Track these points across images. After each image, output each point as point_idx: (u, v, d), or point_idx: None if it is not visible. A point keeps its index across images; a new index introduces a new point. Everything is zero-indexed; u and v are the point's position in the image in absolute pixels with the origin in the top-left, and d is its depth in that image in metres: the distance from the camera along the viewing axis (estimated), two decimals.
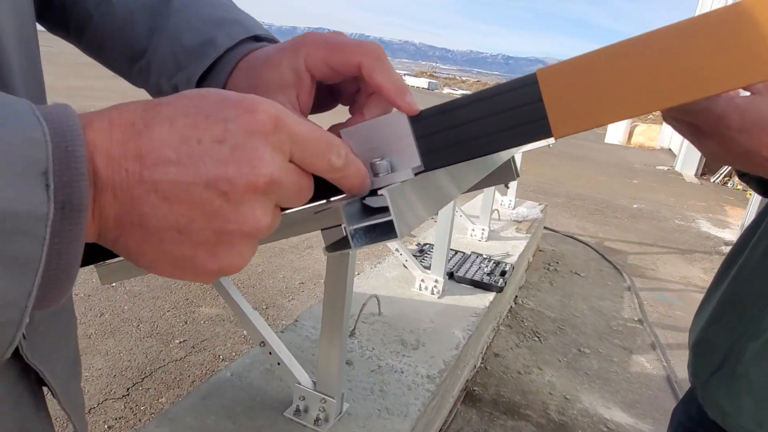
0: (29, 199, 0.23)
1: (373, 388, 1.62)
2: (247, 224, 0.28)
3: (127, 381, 2.02)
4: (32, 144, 0.23)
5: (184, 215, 0.27)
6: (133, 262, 0.30)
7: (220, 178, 0.27)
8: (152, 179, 0.26)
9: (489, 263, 2.72)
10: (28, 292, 0.24)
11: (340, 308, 1.30)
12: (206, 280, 0.31)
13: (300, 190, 0.31)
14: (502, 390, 2.37)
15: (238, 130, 0.27)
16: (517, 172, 1.20)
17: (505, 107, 0.34)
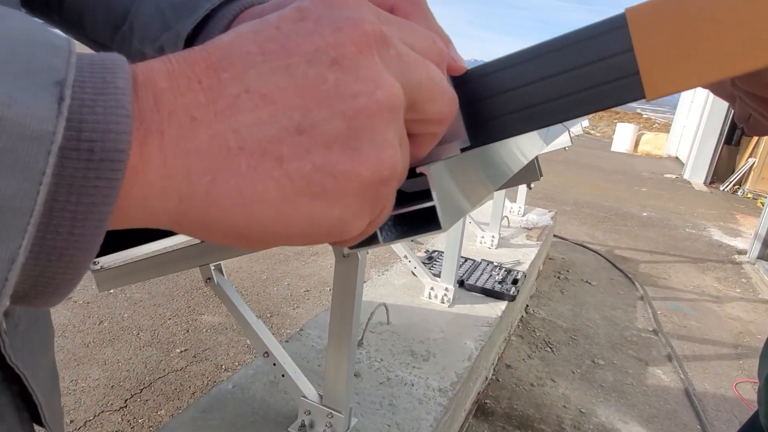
0: (25, 106, 0.15)
1: (382, 401, 1.54)
2: (377, 89, 0.20)
3: (126, 392, 1.94)
4: (46, 47, 0.16)
5: (296, 108, 0.19)
6: (243, 220, 0.19)
7: (322, 45, 0.20)
8: (237, 80, 0.19)
9: (500, 271, 2.64)
10: (9, 259, 0.15)
11: (348, 317, 1.22)
12: (362, 206, 0.21)
13: (434, 74, 0.23)
14: (515, 403, 2.28)
15: (315, 3, 0.21)
16: (540, 172, 1.13)
17: (583, 60, 0.27)
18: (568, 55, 0.27)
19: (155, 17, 0.38)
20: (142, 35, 0.39)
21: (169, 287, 2.76)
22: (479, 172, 0.39)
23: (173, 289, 2.74)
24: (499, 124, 0.29)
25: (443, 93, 0.23)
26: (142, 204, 0.18)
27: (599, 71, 0.26)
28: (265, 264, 3.23)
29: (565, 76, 0.27)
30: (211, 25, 0.37)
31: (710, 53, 0.25)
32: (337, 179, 0.20)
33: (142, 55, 0.40)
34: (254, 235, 0.20)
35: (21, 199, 0.15)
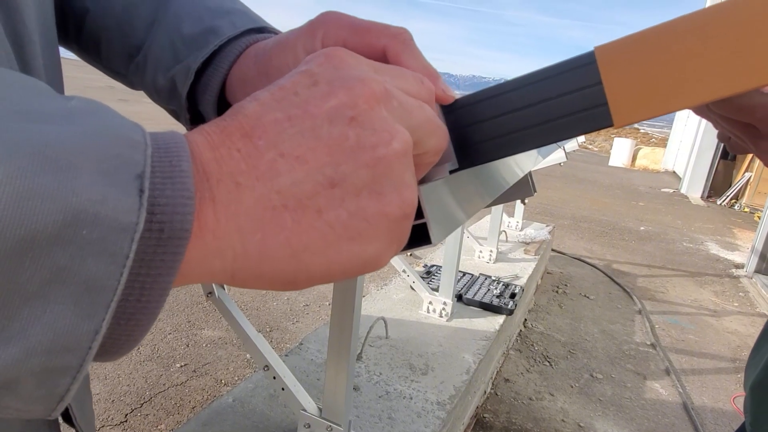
0: (116, 202, 0.18)
1: (381, 415, 1.55)
2: (392, 139, 0.23)
3: (126, 406, 1.95)
4: (128, 143, 0.19)
5: (326, 165, 0.22)
6: (293, 269, 0.22)
7: (338, 107, 0.22)
8: (271, 146, 0.21)
9: (498, 285, 2.66)
10: (94, 331, 0.18)
11: (347, 331, 1.24)
12: (391, 241, 0.24)
13: (429, 116, 0.26)
14: (514, 417, 2.29)
15: (322, 67, 0.24)
16: (534, 188, 1.16)
17: (557, 92, 0.30)
18: (543, 88, 0.30)
19: (168, 50, 0.41)
20: (156, 66, 0.42)
21: (169, 302, 2.77)
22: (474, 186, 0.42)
23: (173, 304, 2.76)
24: (484, 148, 0.32)
25: (438, 128, 0.27)
26: (201, 264, 0.21)
27: (571, 102, 0.30)
28: None
29: (541, 107, 0.30)
30: (219, 59, 0.40)
31: (672, 86, 0.28)
32: (369, 222, 0.23)
33: (154, 82, 0.43)
34: (302, 279, 0.23)
35: (108, 279, 0.18)
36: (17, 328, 0.17)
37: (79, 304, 0.17)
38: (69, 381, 0.19)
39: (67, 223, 0.17)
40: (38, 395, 0.19)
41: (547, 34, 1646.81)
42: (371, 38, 0.33)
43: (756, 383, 0.70)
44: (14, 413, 0.19)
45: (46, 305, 0.17)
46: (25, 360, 0.17)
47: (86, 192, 0.17)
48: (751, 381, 0.71)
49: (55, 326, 0.17)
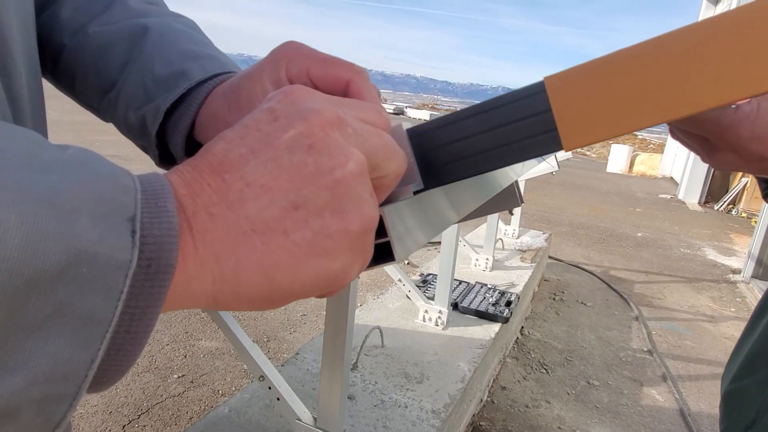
0: (111, 243, 0.20)
1: (376, 424, 1.57)
2: (348, 161, 0.25)
3: (123, 418, 1.96)
4: (120, 189, 0.21)
5: (288, 189, 0.24)
6: (268, 288, 0.24)
7: (296, 136, 0.25)
8: (238, 177, 0.24)
9: (494, 293, 2.67)
10: (89, 359, 0.20)
11: (341, 341, 1.26)
12: (354, 256, 0.26)
13: (385, 141, 0.28)
14: (510, 425, 2.30)
15: (282, 104, 0.26)
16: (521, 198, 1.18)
17: (510, 118, 0.32)
18: (499, 114, 0.32)
19: (140, 89, 0.43)
20: (127, 103, 0.44)
21: (167, 313, 2.79)
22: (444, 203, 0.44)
23: (171, 315, 2.77)
24: (446, 170, 0.35)
25: (395, 153, 0.29)
26: (184, 291, 0.23)
27: (524, 128, 0.32)
28: None
29: (498, 132, 0.32)
30: (188, 101, 0.42)
31: (615, 113, 0.30)
32: (333, 238, 0.25)
33: (125, 118, 0.45)
34: (277, 297, 0.25)
35: (104, 313, 0.20)
36: (21, 359, 0.19)
37: (77, 335, 0.19)
38: (66, 408, 0.20)
39: (69, 262, 0.19)
40: (37, 422, 0.20)
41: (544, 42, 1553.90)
42: (338, 71, 0.36)
43: (728, 392, 0.72)
44: None
45: (48, 337, 0.19)
46: (28, 389, 0.19)
47: (86, 234, 0.19)
48: (724, 389, 0.73)
49: (55, 356, 0.19)
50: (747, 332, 0.75)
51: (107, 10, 0.46)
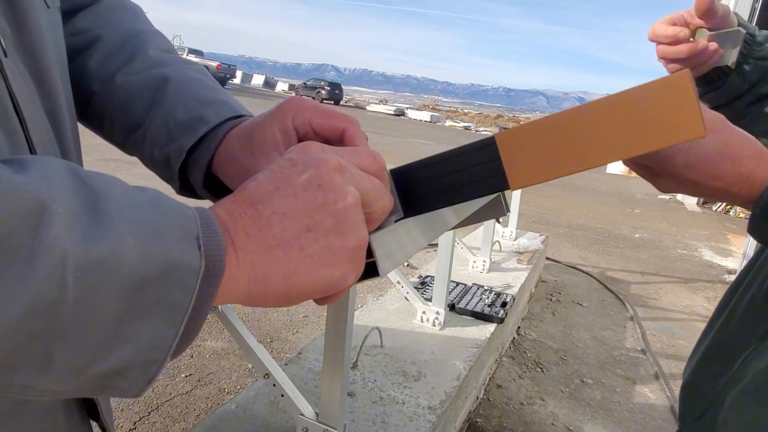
0: (188, 255, 0.29)
1: (375, 419, 1.65)
2: (348, 196, 0.34)
3: (135, 415, 2.05)
4: (188, 219, 0.30)
5: (303, 216, 0.33)
6: (287, 288, 0.33)
7: (309, 178, 0.34)
8: (266, 207, 0.33)
9: (490, 295, 2.76)
10: (174, 335, 0.29)
11: (341, 341, 1.34)
12: (350, 267, 0.35)
13: (375, 185, 0.37)
14: (505, 421, 2.39)
15: (299, 155, 0.35)
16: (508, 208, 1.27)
17: (469, 164, 0.41)
18: (460, 161, 0.41)
19: (163, 131, 0.52)
20: (153, 143, 0.53)
21: None
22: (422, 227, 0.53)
23: None
24: (422, 203, 0.44)
25: (383, 195, 0.38)
26: (229, 288, 0.32)
27: (480, 171, 0.41)
28: None
29: (459, 174, 0.41)
30: (206, 141, 0.51)
31: (549, 162, 0.39)
32: (335, 253, 0.34)
33: (151, 155, 0.54)
34: (294, 295, 0.34)
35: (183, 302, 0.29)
36: (133, 334, 0.28)
37: (167, 318, 0.28)
38: (157, 368, 0.29)
39: (164, 268, 0.28)
40: (138, 379, 0.29)
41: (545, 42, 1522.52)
42: (335, 121, 0.45)
43: (685, 384, 0.81)
44: (117, 393, 0.30)
45: (150, 320, 0.28)
46: (136, 355, 0.28)
47: (173, 250, 0.28)
48: (683, 381, 0.82)
49: (154, 333, 0.28)
50: (707, 329, 0.84)
51: (131, 60, 0.55)
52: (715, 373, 0.75)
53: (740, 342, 0.71)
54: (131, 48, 0.55)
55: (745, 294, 0.75)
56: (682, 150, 0.56)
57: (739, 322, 0.74)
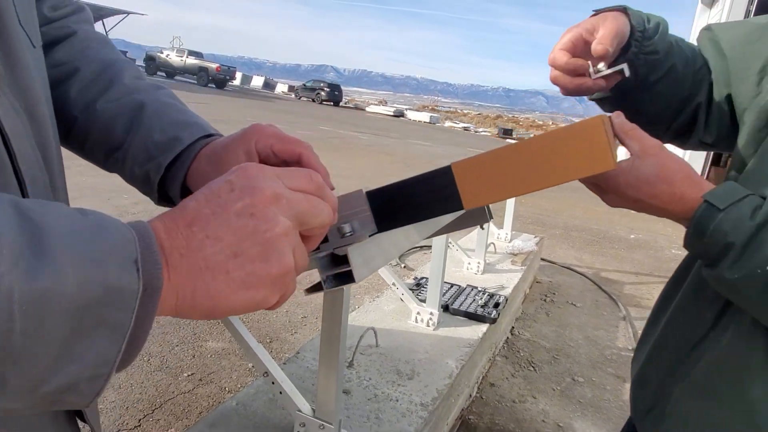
0: (127, 278, 0.31)
1: (369, 415, 1.73)
2: (278, 227, 0.36)
3: (139, 413, 2.13)
4: (127, 241, 0.32)
5: (233, 242, 0.36)
6: (211, 306, 0.35)
7: (244, 206, 0.36)
8: (201, 231, 0.35)
9: (483, 296, 2.83)
10: (117, 351, 0.31)
11: (336, 341, 1.42)
12: (276, 292, 0.37)
13: (313, 203, 0.39)
14: (497, 418, 2.46)
15: (238, 178, 0.38)
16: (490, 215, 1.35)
17: (427, 187, 0.49)
18: (423, 185, 0.49)
19: (142, 151, 0.59)
20: (133, 161, 0.60)
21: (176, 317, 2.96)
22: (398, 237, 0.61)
23: (179, 319, 2.94)
24: (392, 220, 0.52)
25: (320, 212, 0.40)
26: (162, 304, 0.34)
27: (437, 194, 0.49)
28: None
29: (422, 196, 0.50)
30: (182, 158, 0.59)
31: (495, 187, 0.47)
32: (259, 278, 0.36)
33: (132, 172, 0.61)
34: (217, 313, 0.37)
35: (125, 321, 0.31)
36: (79, 353, 0.30)
37: (110, 337, 0.31)
38: (103, 382, 0.32)
39: (105, 293, 0.30)
40: (86, 392, 0.32)
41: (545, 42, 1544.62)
42: (293, 146, 0.53)
43: (635, 379, 0.88)
44: (68, 406, 0.33)
45: (94, 339, 0.30)
46: (83, 371, 0.31)
47: (113, 275, 0.31)
48: (633, 376, 0.89)
49: (98, 351, 0.31)
50: (650, 324, 0.91)
51: (109, 88, 0.62)
52: (662, 368, 0.80)
53: (685, 338, 0.77)
54: (108, 77, 0.62)
55: (686, 292, 0.80)
56: (624, 171, 0.64)
57: (682, 319, 0.79)
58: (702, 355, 0.72)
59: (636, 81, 0.80)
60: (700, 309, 0.75)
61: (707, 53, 0.86)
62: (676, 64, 0.81)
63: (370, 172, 9.03)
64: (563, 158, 0.44)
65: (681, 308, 0.81)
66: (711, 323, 0.72)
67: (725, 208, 0.62)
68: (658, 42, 0.78)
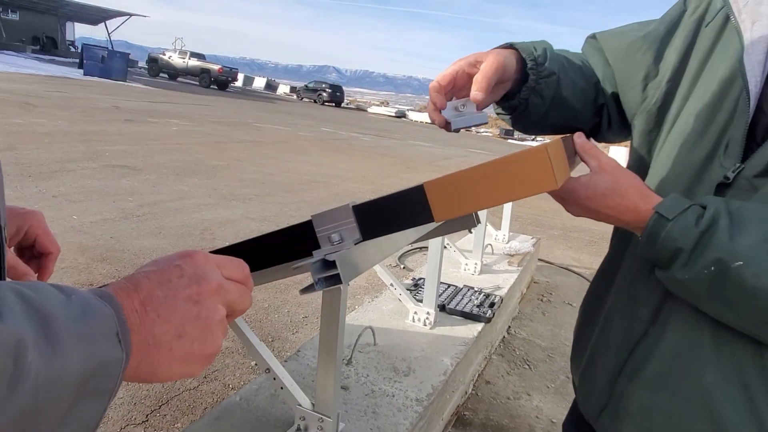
0: (113, 352, 0.37)
1: (366, 410, 1.81)
2: (217, 316, 0.44)
3: (146, 408, 2.22)
4: (108, 318, 0.38)
5: (179, 325, 0.42)
6: (150, 376, 0.41)
7: (191, 294, 0.43)
8: (153, 311, 0.41)
9: (479, 296, 2.91)
10: (103, 411, 0.37)
11: (334, 338, 1.50)
12: (203, 366, 0.45)
13: (241, 293, 0.48)
14: (492, 414, 2.54)
15: (188, 266, 0.45)
16: (478, 220, 1.43)
17: (404, 203, 0.57)
18: (400, 200, 0.58)
19: None
20: None
21: None
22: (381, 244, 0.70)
23: None
24: (374, 230, 0.60)
25: (244, 299, 0.49)
26: None
27: (412, 208, 0.57)
28: (266, 293, 3.52)
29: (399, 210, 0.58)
30: None
31: (460, 203, 0.56)
32: (195, 357, 0.43)
33: None
34: (155, 380, 0.43)
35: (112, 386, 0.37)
36: (73, 418, 0.35)
37: (99, 400, 0.36)
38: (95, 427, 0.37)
39: (98, 365, 0.36)
40: None
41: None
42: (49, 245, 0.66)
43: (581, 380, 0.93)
44: None
45: (87, 404, 0.36)
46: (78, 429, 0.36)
47: (103, 350, 0.36)
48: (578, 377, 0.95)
49: (89, 413, 0.36)
50: (584, 326, 0.96)
51: None
52: (609, 369, 0.84)
53: (625, 338, 0.82)
54: None
55: (616, 293, 0.86)
56: (583, 185, 0.72)
57: (618, 320, 0.84)
58: (649, 352, 0.78)
59: (544, 104, 0.87)
60: (635, 309, 0.82)
61: (593, 62, 0.95)
62: (573, 77, 0.89)
63: (371, 174, 9.12)
64: (516, 179, 0.52)
65: (616, 310, 0.86)
66: (648, 321, 0.79)
67: (673, 218, 0.70)
68: (551, 65, 0.85)
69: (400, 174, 9.33)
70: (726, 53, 0.76)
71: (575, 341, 1.00)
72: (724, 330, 0.71)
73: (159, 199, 5.53)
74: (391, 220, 0.58)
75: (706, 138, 0.75)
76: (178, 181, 6.46)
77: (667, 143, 0.82)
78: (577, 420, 0.98)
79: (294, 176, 7.86)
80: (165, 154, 8.00)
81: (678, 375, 0.76)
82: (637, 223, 0.73)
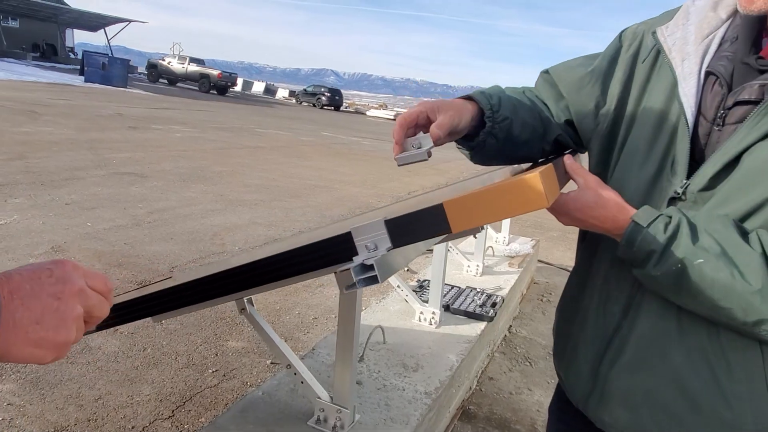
0: None
1: (379, 402, 1.96)
2: (74, 313, 0.50)
3: (172, 404, 2.36)
4: None
5: (38, 313, 0.47)
6: (4, 352, 0.45)
7: (55, 291, 0.49)
8: (19, 298, 0.46)
9: (482, 296, 3.06)
10: None
11: (350, 336, 1.65)
12: (53, 354, 0.48)
13: (101, 301, 0.54)
14: (495, 408, 2.69)
15: (57, 269, 0.51)
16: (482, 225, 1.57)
17: (427, 218, 0.72)
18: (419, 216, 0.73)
19: None
20: None
21: (197, 318, 3.19)
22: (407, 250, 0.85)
23: (201, 320, 3.18)
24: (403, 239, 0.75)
25: (102, 309, 0.55)
26: None
27: (433, 221, 0.72)
28: (278, 296, 3.67)
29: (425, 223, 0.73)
30: None
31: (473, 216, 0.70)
32: (46, 342, 0.48)
33: None
34: (8, 358, 0.47)
35: None
36: None
37: None
38: None
39: None
40: None
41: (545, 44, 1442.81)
42: None
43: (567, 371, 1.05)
44: None
45: None
46: None
47: None
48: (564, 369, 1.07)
49: None
50: (564, 322, 1.09)
51: None
52: (591, 358, 0.97)
53: (603, 330, 0.96)
54: None
55: (589, 293, 0.99)
56: (572, 200, 0.87)
57: (594, 317, 0.98)
58: (624, 341, 0.92)
59: (498, 144, 1.00)
60: (607, 306, 0.96)
61: (547, 95, 1.09)
62: (524, 117, 1.02)
63: (373, 178, 9.27)
64: (516, 199, 0.67)
65: (590, 308, 0.99)
66: (620, 315, 0.93)
67: (647, 225, 0.84)
68: (504, 111, 0.98)
69: (401, 178, 9.48)
70: (661, 85, 0.92)
71: (556, 339, 1.14)
72: (687, 318, 0.86)
73: (168, 205, 5.68)
74: (417, 231, 0.73)
75: (652, 158, 0.91)
76: (185, 187, 6.60)
77: (620, 163, 0.97)
78: (562, 404, 1.12)
79: (297, 181, 8.01)
80: (170, 161, 8.15)
81: (651, 358, 0.90)
82: (616, 230, 0.88)
